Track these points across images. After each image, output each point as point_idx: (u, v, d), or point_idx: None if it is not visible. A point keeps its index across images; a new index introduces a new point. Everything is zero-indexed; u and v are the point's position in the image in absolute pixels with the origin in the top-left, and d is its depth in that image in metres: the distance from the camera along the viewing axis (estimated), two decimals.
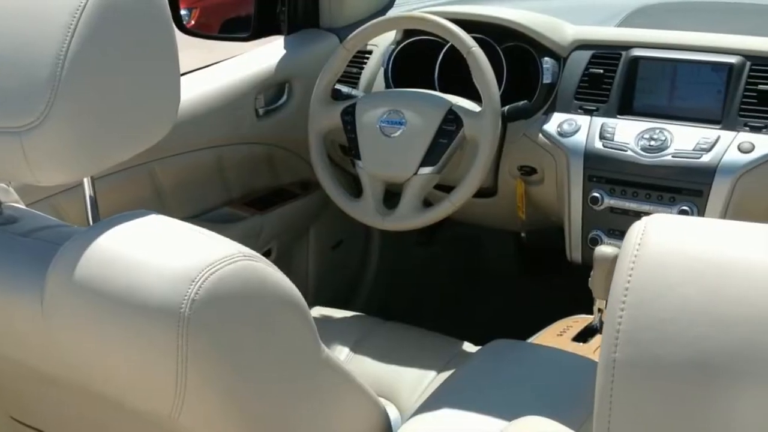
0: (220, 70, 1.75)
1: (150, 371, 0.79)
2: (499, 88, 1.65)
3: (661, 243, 0.52)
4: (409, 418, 1.12)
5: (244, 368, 0.82)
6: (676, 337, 0.48)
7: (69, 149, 0.80)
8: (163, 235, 0.84)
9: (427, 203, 1.60)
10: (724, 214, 1.46)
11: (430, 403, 1.13)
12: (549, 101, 1.65)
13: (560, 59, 1.66)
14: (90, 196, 1.00)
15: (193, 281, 0.77)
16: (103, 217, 0.89)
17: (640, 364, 0.49)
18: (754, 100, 1.48)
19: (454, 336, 1.56)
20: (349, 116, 1.62)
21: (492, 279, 2.37)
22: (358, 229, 2.02)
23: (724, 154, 1.46)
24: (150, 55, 0.88)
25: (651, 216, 0.55)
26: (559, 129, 1.61)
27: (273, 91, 1.83)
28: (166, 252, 0.81)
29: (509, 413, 0.98)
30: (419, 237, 2.21)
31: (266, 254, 1.86)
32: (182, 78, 1.70)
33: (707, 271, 0.49)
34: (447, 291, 2.36)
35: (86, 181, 0.99)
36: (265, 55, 1.82)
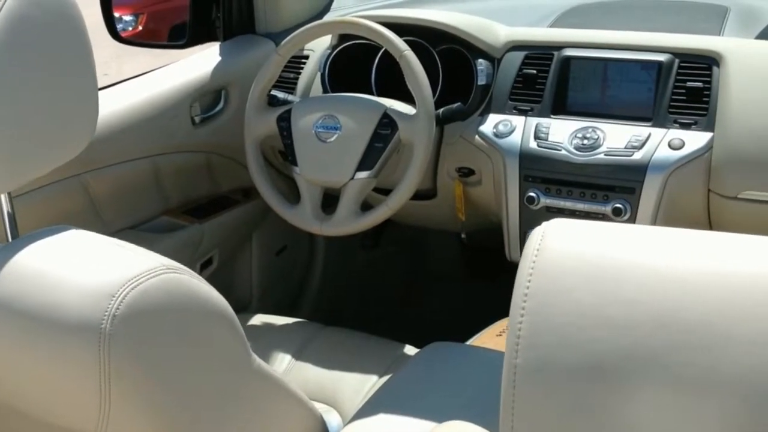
0: (153, 78, 1.73)
1: (73, 389, 0.77)
2: (435, 91, 1.66)
3: (558, 248, 0.52)
4: (346, 424, 1.12)
5: (171, 382, 0.81)
6: (572, 341, 0.49)
7: None
8: (83, 251, 0.83)
9: (369, 207, 1.61)
10: (657, 211, 1.49)
11: (366, 409, 1.13)
12: (484, 102, 1.66)
13: (494, 60, 1.67)
14: (8, 213, 0.98)
15: (114, 296, 0.76)
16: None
17: (539, 369, 0.50)
18: (683, 97, 1.51)
19: (401, 338, 1.56)
20: (284, 122, 1.62)
21: (438, 280, 2.38)
22: (301, 235, 2.01)
23: (654, 152, 1.48)
24: (64, 69, 0.86)
25: (550, 221, 0.55)
26: (494, 130, 1.62)
27: (209, 99, 1.82)
28: (86, 267, 0.80)
29: (440, 417, 0.99)
30: (364, 240, 2.21)
31: (207, 263, 1.85)
32: (115, 87, 1.69)
33: (602, 275, 0.50)
34: (394, 293, 2.36)
35: (3, 198, 0.98)
36: (200, 62, 1.80)
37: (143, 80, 1.72)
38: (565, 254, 0.52)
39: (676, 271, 0.48)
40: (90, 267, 0.80)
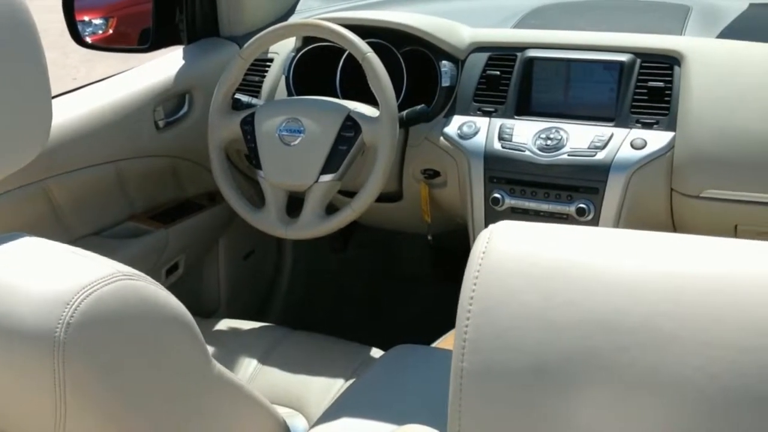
0: (116, 82, 1.71)
1: (28, 398, 0.76)
2: (400, 93, 1.66)
3: (504, 250, 0.52)
4: (310, 429, 1.12)
5: (127, 390, 0.80)
6: (517, 344, 0.49)
7: None
8: (38, 258, 0.82)
9: (335, 209, 1.60)
10: (620, 210, 1.49)
11: (330, 413, 1.13)
12: (449, 104, 1.66)
13: (458, 62, 1.67)
14: None
15: (68, 304, 0.75)
16: None
17: (485, 373, 0.50)
18: (645, 97, 1.52)
19: (371, 341, 1.56)
20: (248, 126, 1.61)
21: (408, 282, 2.38)
22: (269, 238, 2.00)
23: (617, 152, 1.49)
24: (14, 74, 0.85)
25: (497, 224, 0.55)
26: (459, 131, 1.62)
27: (173, 103, 1.80)
28: (40, 275, 0.78)
29: (402, 420, 0.98)
30: (333, 243, 2.21)
31: (173, 268, 1.83)
32: (77, 92, 1.67)
33: (547, 277, 0.50)
34: (364, 296, 2.36)
35: None
36: (163, 65, 1.78)
37: (105, 85, 1.70)
38: (510, 256, 0.52)
39: (620, 273, 0.48)
40: (44, 275, 0.79)
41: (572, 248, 0.51)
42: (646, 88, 1.52)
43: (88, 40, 1.94)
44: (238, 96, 1.69)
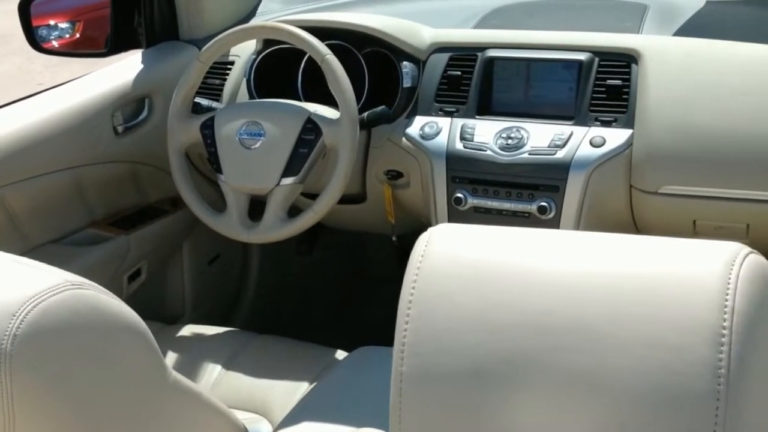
0: (73, 88, 1.69)
1: None
2: (362, 94, 1.65)
3: (442, 253, 0.52)
4: None
5: (78, 402, 0.79)
6: (454, 347, 0.49)
7: None
8: None
9: (299, 212, 1.59)
10: (581, 208, 1.50)
11: (291, 418, 1.13)
12: (411, 105, 1.66)
13: (419, 63, 1.67)
14: None
15: (15, 315, 0.73)
16: None
17: (423, 376, 0.49)
18: (604, 95, 1.53)
19: (340, 343, 1.55)
20: (208, 130, 1.60)
21: (376, 283, 2.37)
22: (235, 242, 1.98)
23: (577, 150, 1.50)
24: None
25: (436, 227, 0.55)
26: (421, 132, 1.62)
27: (132, 107, 1.79)
28: None
29: (361, 422, 0.98)
30: (299, 246, 2.19)
31: (136, 274, 1.81)
32: (33, 98, 1.65)
33: (482, 279, 0.50)
34: (332, 298, 2.35)
35: None
36: (121, 70, 1.77)
37: (62, 90, 1.68)
38: (448, 259, 0.51)
39: (553, 274, 0.48)
40: None
41: (508, 250, 0.51)
42: (605, 86, 1.53)
43: (55, 43, 1.93)
44: (198, 100, 1.68)
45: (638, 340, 0.45)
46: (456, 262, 0.51)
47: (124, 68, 1.77)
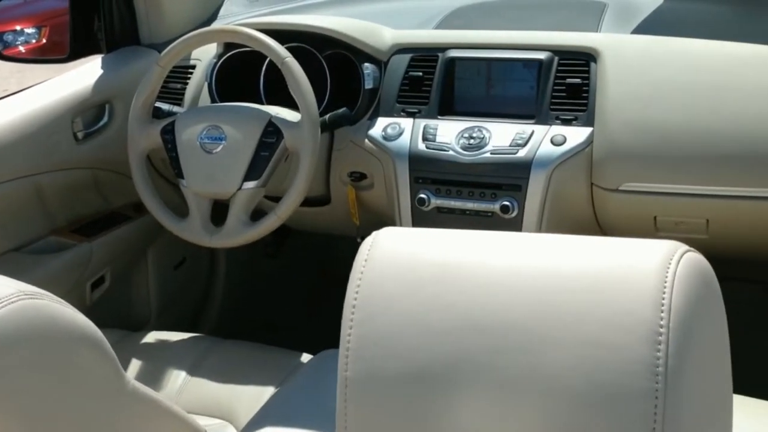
0: (32, 94, 1.67)
1: None
2: (324, 96, 1.65)
3: (384, 257, 0.52)
4: None
5: (32, 413, 0.78)
6: (398, 351, 0.49)
7: None
8: None
9: (263, 215, 1.59)
10: (543, 206, 1.51)
11: (254, 423, 1.12)
12: (373, 106, 1.66)
13: (381, 64, 1.67)
14: None
15: None
16: None
17: (368, 381, 0.49)
18: (564, 94, 1.54)
19: (309, 346, 1.54)
20: (168, 134, 1.59)
21: (344, 284, 2.37)
22: (201, 247, 1.98)
23: (538, 148, 1.51)
24: None
25: (380, 230, 0.55)
26: (383, 133, 1.62)
27: (93, 113, 1.77)
28: None
29: (323, 426, 0.98)
30: (266, 249, 2.19)
31: (99, 281, 1.79)
32: None
33: (423, 282, 0.50)
34: (301, 301, 2.35)
35: None
36: (80, 75, 1.75)
37: (20, 97, 1.66)
38: (390, 263, 0.51)
39: (493, 275, 0.48)
40: None
41: (449, 252, 0.51)
42: (565, 85, 1.54)
43: (22, 49, 1.91)
44: (158, 104, 1.67)
45: (578, 339, 0.45)
46: (398, 266, 0.51)
47: (84, 74, 1.75)
